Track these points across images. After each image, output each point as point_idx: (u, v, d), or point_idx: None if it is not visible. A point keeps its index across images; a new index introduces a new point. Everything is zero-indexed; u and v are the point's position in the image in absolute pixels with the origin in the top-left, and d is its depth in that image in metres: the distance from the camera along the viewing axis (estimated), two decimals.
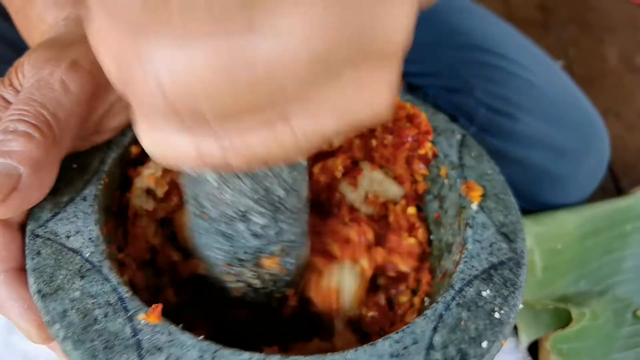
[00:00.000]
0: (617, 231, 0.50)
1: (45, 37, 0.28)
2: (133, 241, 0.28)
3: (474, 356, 0.20)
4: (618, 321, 0.47)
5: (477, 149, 0.31)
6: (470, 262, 0.24)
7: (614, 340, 0.45)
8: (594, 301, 0.42)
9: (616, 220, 0.50)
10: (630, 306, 0.48)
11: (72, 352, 0.19)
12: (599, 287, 0.47)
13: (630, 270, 0.50)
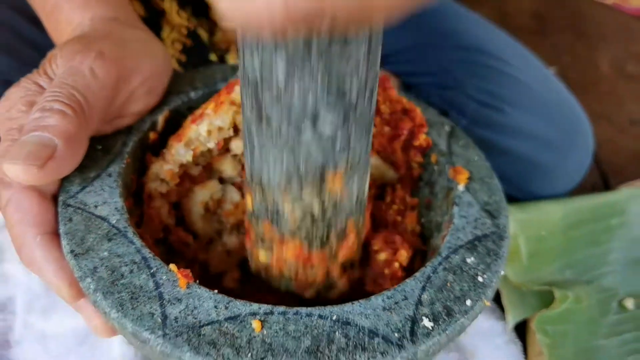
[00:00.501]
0: (602, 224, 0.52)
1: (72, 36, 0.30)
2: (148, 221, 0.30)
3: (458, 312, 0.22)
4: (604, 309, 0.49)
5: (464, 139, 0.33)
6: (456, 234, 0.26)
7: (599, 327, 0.47)
8: (579, 288, 0.45)
9: (601, 213, 0.52)
10: (616, 296, 0.50)
11: (102, 302, 0.21)
12: (585, 277, 0.49)
13: (615, 262, 0.52)
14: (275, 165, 0.22)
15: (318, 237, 0.25)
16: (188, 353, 0.19)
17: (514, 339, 0.42)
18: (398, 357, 0.20)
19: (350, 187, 0.24)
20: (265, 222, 0.25)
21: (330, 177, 0.23)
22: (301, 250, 0.25)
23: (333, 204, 0.24)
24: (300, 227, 0.24)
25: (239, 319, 0.21)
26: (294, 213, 0.24)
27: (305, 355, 0.20)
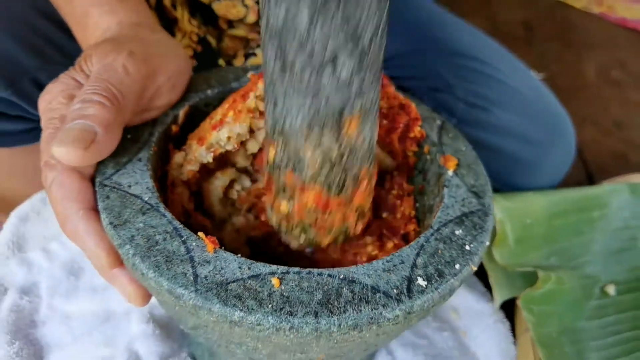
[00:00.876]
0: (585, 216, 0.56)
1: (101, 39, 0.34)
2: (171, 205, 0.33)
3: (448, 274, 0.26)
4: (587, 294, 0.52)
5: (453, 131, 0.37)
6: (446, 211, 0.30)
7: (582, 310, 0.50)
8: (562, 272, 0.48)
9: (584, 206, 0.56)
10: (598, 283, 0.54)
11: (140, 264, 0.24)
12: (569, 264, 0.53)
13: (597, 252, 0.56)
14: (298, 112, 0.24)
15: (336, 183, 0.27)
16: (217, 305, 0.23)
17: (503, 319, 0.46)
18: (397, 309, 0.24)
19: (364, 133, 0.26)
20: (288, 171, 0.27)
21: (347, 122, 0.25)
22: (321, 196, 0.27)
23: (350, 149, 0.26)
24: (320, 173, 0.27)
25: (260, 277, 0.24)
26: (315, 159, 0.26)
27: (317, 306, 0.23)
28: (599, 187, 0.60)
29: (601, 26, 1.39)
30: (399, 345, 0.43)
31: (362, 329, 0.23)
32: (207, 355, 0.40)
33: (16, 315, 0.42)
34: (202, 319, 0.24)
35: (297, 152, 0.26)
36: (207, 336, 0.28)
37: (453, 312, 0.47)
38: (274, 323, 0.22)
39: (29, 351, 0.40)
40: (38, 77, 0.43)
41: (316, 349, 0.25)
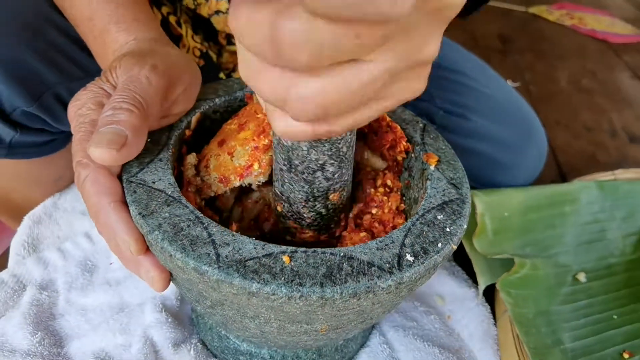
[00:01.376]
0: (557, 210, 0.61)
1: (118, 54, 0.38)
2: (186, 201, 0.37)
3: (432, 251, 0.30)
4: (560, 281, 0.57)
5: (434, 133, 0.42)
6: (429, 200, 0.34)
7: (556, 296, 0.55)
8: (537, 260, 0.53)
9: (557, 201, 0.61)
10: (571, 271, 0.59)
11: (168, 247, 0.28)
12: (543, 254, 0.58)
13: (569, 243, 0.61)
14: (299, 192, 0.34)
15: (324, 228, 0.37)
16: (238, 279, 0.27)
17: (484, 303, 0.50)
18: (390, 280, 0.28)
19: (342, 198, 0.36)
20: (290, 221, 0.37)
21: (331, 195, 0.35)
22: (314, 234, 0.37)
23: (334, 208, 0.36)
24: (313, 222, 0.36)
25: (273, 255, 0.28)
26: (310, 216, 0.36)
27: (322, 278, 0.27)
28: (570, 184, 0.65)
29: (572, 37, 1.47)
30: (391, 327, 0.47)
31: (360, 297, 0.27)
32: (217, 339, 0.43)
33: (36, 309, 0.45)
34: (223, 293, 0.28)
35: (298, 212, 0.36)
36: (224, 312, 0.32)
37: (439, 298, 0.51)
38: (286, 292, 0.26)
39: (50, 341, 0.43)
40: (58, 92, 0.46)
41: (321, 317, 0.29)
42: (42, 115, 0.45)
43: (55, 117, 0.47)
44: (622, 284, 0.60)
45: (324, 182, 0.33)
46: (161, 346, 0.43)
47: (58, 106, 0.47)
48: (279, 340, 0.34)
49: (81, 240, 0.53)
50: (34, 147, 0.49)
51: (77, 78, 0.47)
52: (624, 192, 0.68)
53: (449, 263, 0.55)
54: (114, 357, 0.42)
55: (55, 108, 0.46)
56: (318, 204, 0.35)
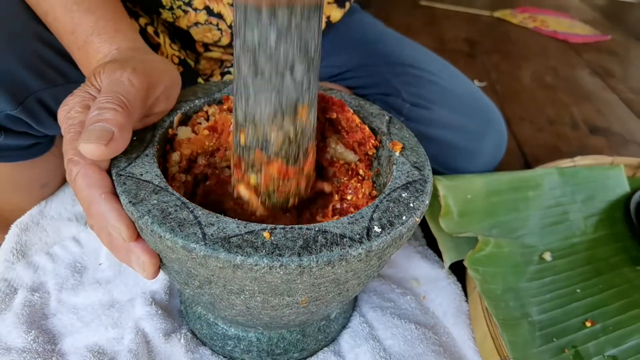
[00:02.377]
0: (521, 194, 0.66)
1: (102, 62, 0.41)
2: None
3: (397, 223, 0.33)
4: (527, 261, 0.61)
5: (399, 124, 0.46)
6: (395, 181, 0.38)
7: (523, 274, 0.59)
8: (503, 240, 0.57)
9: (520, 186, 0.65)
10: (537, 251, 0.63)
11: (158, 229, 0.31)
12: (510, 235, 0.62)
13: (534, 225, 0.65)
14: (265, 105, 0.33)
15: (292, 156, 0.37)
16: (223, 253, 0.29)
17: (455, 282, 0.54)
18: (360, 248, 0.31)
19: (310, 117, 0.36)
20: (257, 150, 0.36)
21: (300, 109, 0.34)
22: (281, 166, 0.37)
23: (302, 129, 0.36)
24: (281, 149, 0.36)
25: (254, 232, 0.31)
26: (278, 138, 0.35)
27: (300, 249, 0.30)
28: (533, 171, 0.70)
29: (535, 39, 1.55)
30: (370, 308, 0.50)
31: (334, 265, 0.31)
32: (205, 326, 0.46)
33: (29, 310, 0.47)
34: (210, 268, 0.30)
35: (265, 135, 0.35)
36: (212, 291, 0.34)
37: (414, 281, 0.55)
38: (267, 262, 0.29)
39: (44, 338, 0.45)
40: (41, 97, 0.49)
41: (300, 286, 0.32)
42: (25, 119, 0.47)
43: (38, 121, 0.49)
44: (584, 260, 0.64)
45: (292, 89, 0.33)
46: (152, 336, 0.45)
47: (41, 110, 0.49)
48: (263, 317, 0.36)
49: (69, 244, 0.55)
50: (19, 150, 0.51)
51: (60, 84, 0.49)
52: (583, 177, 0.73)
53: (422, 248, 0.58)
54: (107, 350, 0.44)
55: (38, 112, 0.48)
56: (286, 122, 0.34)
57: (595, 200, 0.72)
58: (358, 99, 0.49)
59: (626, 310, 0.58)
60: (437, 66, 0.61)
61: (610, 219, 0.70)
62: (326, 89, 0.49)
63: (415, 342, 0.46)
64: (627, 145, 0.99)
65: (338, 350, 0.46)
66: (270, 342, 0.44)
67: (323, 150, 0.45)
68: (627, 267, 0.64)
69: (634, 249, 0.67)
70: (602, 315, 0.57)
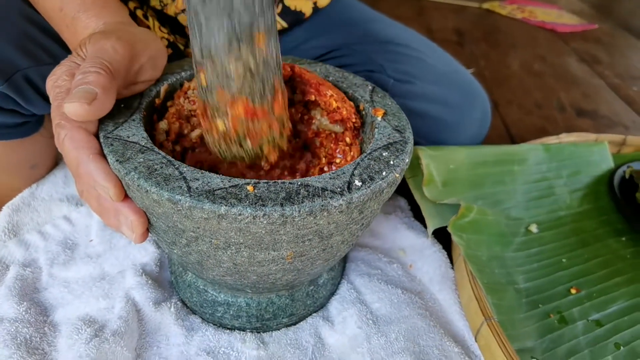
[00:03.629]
0: (506, 168, 0.67)
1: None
2: None
3: (377, 178, 0.34)
4: (513, 232, 0.62)
5: (382, 93, 0.47)
6: (376, 142, 0.39)
7: (510, 245, 0.60)
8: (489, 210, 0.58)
9: (505, 159, 0.67)
10: (523, 223, 0.64)
11: (144, 183, 0.32)
12: (496, 208, 0.63)
13: (520, 199, 0.66)
14: (219, 32, 0.32)
15: (258, 93, 0.35)
16: (207, 204, 0.30)
17: (441, 249, 0.55)
18: (341, 199, 0.32)
19: (270, 47, 0.34)
20: (218, 89, 0.34)
21: (257, 37, 0.33)
22: (247, 105, 0.35)
23: (263, 60, 0.34)
24: (243, 84, 0.34)
25: (238, 186, 0.32)
26: (238, 70, 0.33)
27: (283, 200, 0.31)
28: (518, 145, 0.71)
29: (523, 29, 1.57)
30: (357, 275, 0.51)
31: (316, 215, 0.31)
32: (195, 294, 0.46)
33: (21, 283, 0.47)
34: (196, 219, 0.31)
35: (224, 69, 0.33)
36: (199, 248, 0.35)
37: (401, 251, 0.56)
38: (251, 212, 0.30)
39: (36, 310, 0.45)
40: (29, 75, 0.49)
41: (284, 238, 0.33)
42: (12, 96, 0.48)
43: (26, 98, 0.49)
44: (570, 232, 0.66)
45: (244, 13, 0.32)
46: (142, 305, 0.46)
47: (29, 88, 0.49)
48: (250, 274, 0.37)
49: (60, 222, 0.56)
50: (6, 129, 0.52)
51: (48, 63, 0.50)
52: (568, 153, 0.74)
53: (408, 219, 0.59)
54: (98, 319, 0.45)
55: (25, 89, 0.49)
56: (244, 51, 0.33)
57: (581, 175, 0.73)
58: (342, 71, 0.50)
59: (610, 277, 0.59)
60: (421, 44, 0.63)
61: (595, 194, 0.72)
62: (311, 62, 0.50)
63: (402, 305, 0.47)
64: (613, 127, 1.00)
65: (327, 316, 0.47)
66: (260, 307, 0.45)
67: (308, 122, 0.46)
68: (612, 238, 0.66)
69: (618, 221, 0.68)
70: (587, 282, 0.58)
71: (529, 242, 0.62)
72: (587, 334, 0.51)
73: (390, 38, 0.62)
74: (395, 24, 0.67)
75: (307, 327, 0.46)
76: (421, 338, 0.45)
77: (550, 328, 0.50)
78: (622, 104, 1.11)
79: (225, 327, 0.46)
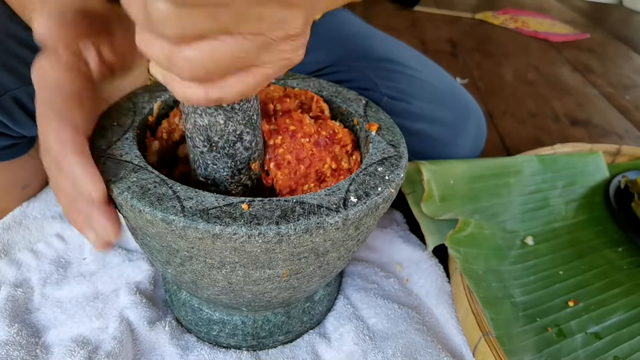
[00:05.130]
0: (502, 180, 0.67)
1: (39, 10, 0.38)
2: None
3: (373, 194, 0.34)
4: (509, 245, 0.62)
5: (375, 107, 0.47)
6: (371, 157, 0.39)
7: (506, 257, 0.60)
8: (485, 223, 0.58)
9: (501, 172, 0.67)
10: (519, 236, 0.64)
11: (137, 204, 0.31)
12: (492, 221, 0.63)
13: (516, 211, 0.66)
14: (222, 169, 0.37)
15: None
16: (202, 223, 0.30)
17: (437, 263, 0.55)
18: (337, 217, 0.32)
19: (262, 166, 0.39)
20: None
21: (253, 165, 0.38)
22: None
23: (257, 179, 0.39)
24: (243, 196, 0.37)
25: (233, 204, 0.32)
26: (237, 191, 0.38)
27: (278, 218, 0.31)
28: (513, 158, 0.71)
29: (516, 39, 1.58)
30: (353, 290, 0.50)
31: (312, 233, 0.31)
32: (190, 312, 0.46)
33: (12, 304, 0.47)
34: (190, 239, 0.31)
35: (226, 191, 0.38)
36: (193, 267, 0.35)
37: (397, 266, 0.55)
38: (246, 231, 0.30)
39: (28, 332, 0.45)
40: (17, 96, 0.49)
41: (280, 256, 0.32)
42: (1, 118, 0.48)
43: (15, 120, 0.49)
44: (566, 244, 0.65)
45: (244, 152, 0.37)
46: (137, 324, 0.45)
47: (18, 109, 0.49)
48: (246, 293, 0.37)
49: (53, 240, 0.55)
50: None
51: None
52: (563, 164, 0.74)
53: (404, 232, 0.59)
54: (92, 340, 0.44)
55: (14, 111, 0.48)
56: (243, 177, 0.38)
57: (576, 186, 0.73)
58: (335, 85, 0.50)
59: (608, 289, 0.59)
60: (414, 60, 0.63)
61: (590, 204, 0.72)
62: (304, 77, 0.50)
63: (399, 320, 0.46)
64: (607, 136, 1.01)
65: (323, 332, 0.47)
66: (255, 324, 0.45)
67: None
68: (608, 248, 0.66)
69: (614, 231, 0.68)
70: (584, 294, 0.58)
71: (524, 255, 0.62)
72: (586, 347, 0.51)
73: (384, 54, 0.62)
74: (390, 39, 0.67)
75: (304, 345, 0.45)
76: (419, 353, 0.45)
77: (549, 342, 0.50)
78: (616, 112, 1.12)
79: (221, 346, 0.45)
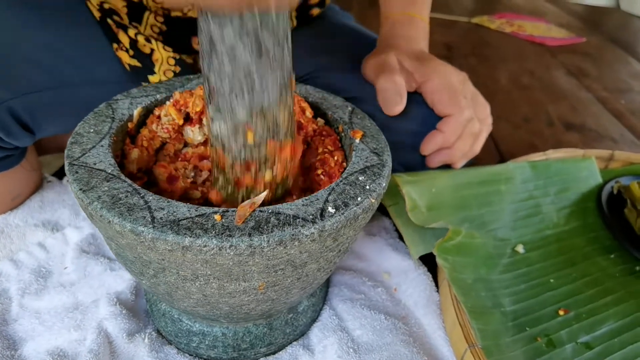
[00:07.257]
0: (493, 188, 0.66)
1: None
2: None
3: (352, 204, 0.33)
4: (499, 254, 0.61)
5: (361, 114, 0.46)
6: (353, 166, 0.38)
7: (496, 266, 0.59)
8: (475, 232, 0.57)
9: (491, 179, 0.66)
10: (509, 244, 0.63)
11: (107, 214, 0.30)
12: (482, 230, 0.62)
13: (507, 218, 0.65)
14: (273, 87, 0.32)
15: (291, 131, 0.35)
16: (171, 235, 0.29)
17: (426, 272, 0.54)
18: (312, 228, 0.31)
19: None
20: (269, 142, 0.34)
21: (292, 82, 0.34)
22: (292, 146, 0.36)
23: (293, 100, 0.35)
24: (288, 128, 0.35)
25: (206, 215, 0.31)
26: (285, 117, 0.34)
27: (251, 229, 0.30)
28: (504, 165, 0.70)
29: (512, 43, 1.58)
30: (340, 301, 0.49)
31: (286, 245, 0.30)
32: (170, 323, 0.45)
33: None
34: (160, 251, 0.30)
35: (275, 119, 0.33)
36: (166, 279, 0.34)
37: (385, 275, 0.54)
38: (217, 243, 0.29)
39: (3, 344, 0.44)
40: (12, 106, 0.48)
41: (254, 269, 0.31)
42: None
43: (8, 132, 0.48)
44: (558, 252, 0.64)
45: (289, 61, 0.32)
46: (115, 336, 0.44)
47: (11, 120, 0.48)
48: (222, 305, 0.36)
49: (34, 249, 0.54)
50: None
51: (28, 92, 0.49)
52: (555, 170, 0.73)
53: (393, 240, 0.58)
54: (69, 352, 0.43)
55: (8, 123, 0.48)
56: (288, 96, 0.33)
57: (568, 192, 0.72)
58: (322, 91, 0.49)
59: (599, 297, 0.58)
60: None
61: (582, 211, 0.71)
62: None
63: (385, 332, 0.45)
64: (601, 140, 1.00)
65: (307, 344, 0.45)
66: (236, 336, 0.43)
67: None
68: (600, 256, 0.64)
69: (607, 238, 0.67)
70: (575, 303, 0.57)
71: (515, 263, 0.61)
72: (576, 357, 0.49)
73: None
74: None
75: (287, 357, 0.44)
76: None
77: (538, 352, 0.49)
78: (610, 117, 1.11)
79: (201, 358, 0.44)
